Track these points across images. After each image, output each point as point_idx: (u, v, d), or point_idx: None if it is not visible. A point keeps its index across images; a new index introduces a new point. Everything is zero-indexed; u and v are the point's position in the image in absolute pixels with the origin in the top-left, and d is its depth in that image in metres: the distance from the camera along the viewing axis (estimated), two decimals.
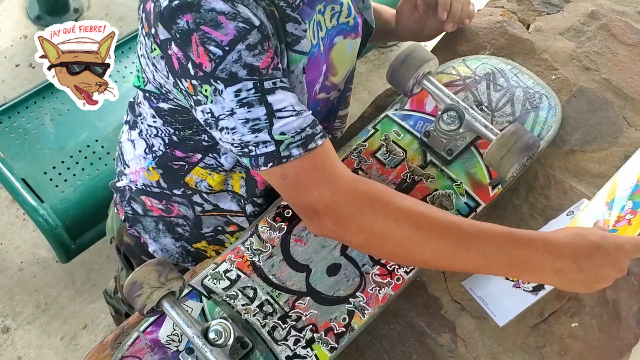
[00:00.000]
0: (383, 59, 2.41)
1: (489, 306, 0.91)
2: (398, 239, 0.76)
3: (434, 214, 0.77)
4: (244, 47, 0.71)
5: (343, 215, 0.76)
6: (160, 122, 0.92)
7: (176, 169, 0.97)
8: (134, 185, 1.03)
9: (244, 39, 0.71)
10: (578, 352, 0.90)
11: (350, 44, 0.93)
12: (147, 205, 1.04)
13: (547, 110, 1.04)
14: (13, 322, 1.83)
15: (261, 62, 0.72)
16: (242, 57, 0.71)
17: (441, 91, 0.98)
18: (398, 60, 0.98)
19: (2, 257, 1.92)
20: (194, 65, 0.72)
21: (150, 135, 0.95)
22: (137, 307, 0.79)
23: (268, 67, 0.73)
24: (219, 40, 0.70)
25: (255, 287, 0.89)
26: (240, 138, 0.75)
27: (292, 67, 0.82)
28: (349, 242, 0.82)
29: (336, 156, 0.79)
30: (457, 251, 0.76)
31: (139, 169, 1.00)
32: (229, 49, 0.70)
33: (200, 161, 0.95)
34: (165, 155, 0.96)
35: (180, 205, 1.02)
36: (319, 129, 0.77)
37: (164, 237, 1.08)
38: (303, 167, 0.76)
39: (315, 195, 0.76)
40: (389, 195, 0.77)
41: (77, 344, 1.80)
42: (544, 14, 1.23)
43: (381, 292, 0.89)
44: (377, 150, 1.01)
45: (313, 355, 0.85)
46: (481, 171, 0.98)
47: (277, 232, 0.93)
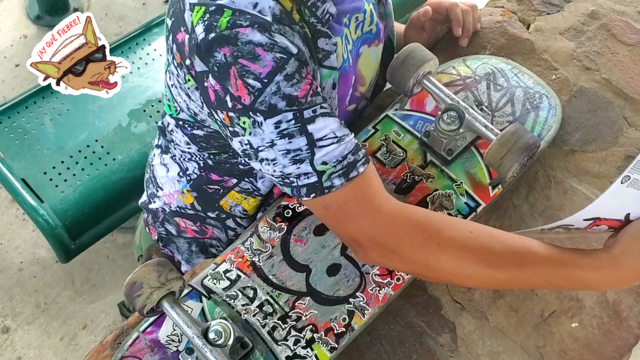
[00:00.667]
0: None
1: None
2: (445, 269, 0.75)
3: (482, 241, 0.76)
4: (282, 78, 0.70)
5: (385, 246, 0.75)
6: (195, 149, 0.91)
7: (211, 193, 0.96)
8: (167, 207, 1.03)
9: (282, 69, 0.70)
10: (578, 352, 0.90)
11: (374, 52, 0.93)
12: (181, 226, 1.04)
13: (547, 110, 1.04)
14: (13, 322, 1.83)
15: (299, 91, 0.72)
16: (280, 89, 0.70)
17: (441, 91, 0.98)
18: (398, 60, 0.97)
19: (2, 257, 1.92)
20: (232, 98, 0.71)
21: (185, 160, 0.95)
22: (137, 307, 0.78)
23: (307, 95, 0.72)
24: (257, 72, 0.69)
25: (255, 287, 0.89)
26: (282, 170, 0.75)
27: (323, 84, 0.82)
28: (399, 270, 0.84)
29: (379, 183, 0.78)
30: (509, 278, 0.75)
31: (172, 192, 1.00)
32: (267, 81, 0.70)
33: (236, 185, 0.95)
34: (200, 178, 0.95)
35: (214, 227, 1.02)
36: (361, 154, 0.76)
37: (197, 258, 1.08)
38: (344, 198, 0.75)
39: (356, 228, 0.75)
40: (432, 225, 0.76)
41: (76, 344, 1.80)
42: (544, 14, 1.23)
43: (381, 292, 0.89)
44: (377, 150, 1.01)
45: (313, 355, 0.85)
46: (481, 171, 0.98)
47: (277, 232, 0.93)
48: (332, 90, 0.84)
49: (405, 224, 0.76)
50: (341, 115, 0.89)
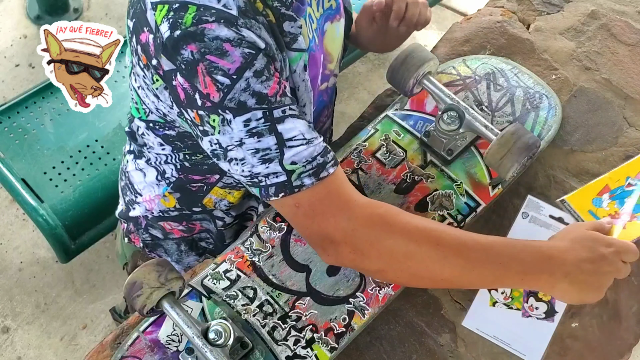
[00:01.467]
0: (383, 59, 2.41)
1: (511, 346, 0.88)
2: (419, 258, 0.75)
3: (450, 231, 0.77)
4: (251, 75, 0.70)
5: (361, 242, 0.75)
6: (169, 149, 0.91)
7: (194, 191, 0.96)
8: (149, 213, 1.02)
9: (251, 65, 0.69)
10: (578, 352, 0.90)
11: (337, 27, 0.91)
12: (166, 229, 1.03)
13: (547, 110, 1.04)
14: (13, 322, 1.83)
15: (269, 89, 0.71)
16: (250, 85, 0.70)
17: (441, 91, 0.98)
18: (398, 60, 0.97)
19: (2, 257, 1.92)
20: (201, 96, 0.71)
21: (161, 163, 0.94)
22: (137, 307, 0.78)
23: (276, 94, 0.72)
24: (226, 69, 0.69)
25: (255, 287, 0.89)
26: (250, 170, 0.74)
27: (294, 67, 0.82)
28: (368, 270, 0.81)
29: (349, 183, 0.78)
30: (475, 265, 0.76)
31: (153, 197, 0.99)
32: (236, 77, 0.69)
33: (218, 181, 0.94)
34: (180, 180, 0.95)
35: (202, 221, 1.01)
36: (330, 157, 0.76)
37: (187, 256, 1.07)
38: (317, 196, 0.75)
39: (332, 223, 0.75)
40: (405, 216, 0.76)
41: (76, 344, 1.80)
42: (544, 14, 1.23)
43: (381, 292, 0.89)
44: (377, 150, 1.00)
45: (313, 355, 0.85)
46: (481, 171, 0.98)
47: (277, 232, 0.93)
48: (304, 73, 0.83)
49: (381, 217, 0.75)
50: (315, 97, 0.88)
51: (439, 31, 2.46)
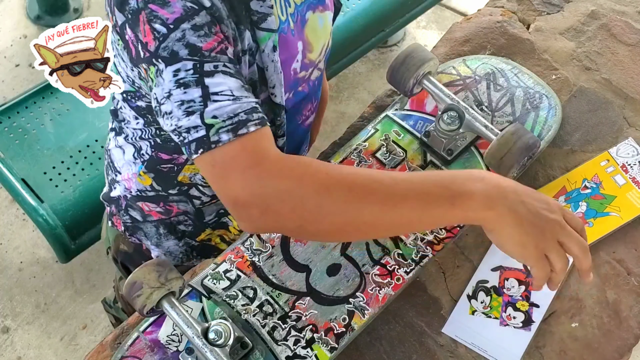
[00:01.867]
0: (383, 59, 2.41)
1: (488, 353, 0.89)
2: (334, 206, 0.69)
3: (363, 172, 0.72)
4: (189, 27, 0.68)
5: (272, 200, 0.68)
6: (142, 122, 0.89)
7: (166, 172, 0.95)
8: (128, 193, 1.02)
9: (191, 18, 0.68)
10: (578, 352, 0.90)
11: (320, 18, 0.90)
12: (145, 210, 1.03)
13: (547, 110, 1.04)
14: (13, 322, 1.83)
15: (205, 44, 0.69)
16: (185, 36, 0.68)
17: (441, 91, 0.98)
18: (398, 60, 0.97)
19: (2, 257, 1.92)
20: (142, 46, 0.69)
21: (137, 138, 0.93)
22: (137, 307, 0.78)
23: (212, 50, 0.70)
24: (164, 18, 0.68)
25: (255, 287, 0.89)
26: (176, 123, 0.70)
27: (262, 46, 0.80)
28: (287, 229, 0.75)
29: (271, 142, 0.72)
30: (395, 201, 0.70)
31: (131, 175, 0.99)
32: (173, 27, 0.68)
33: (187, 161, 0.93)
34: (152, 159, 0.94)
35: (178, 202, 1.01)
36: (256, 116, 0.71)
37: (167, 240, 1.07)
38: (231, 154, 0.69)
39: (240, 182, 0.68)
40: (317, 165, 0.71)
41: (76, 344, 1.80)
42: (544, 14, 1.23)
43: (381, 292, 0.89)
44: (377, 150, 1.01)
45: (313, 355, 0.85)
46: None
47: None
48: (273, 53, 0.81)
49: (292, 170, 0.70)
50: (288, 81, 0.86)
51: (439, 31, 2.47)
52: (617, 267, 0.95)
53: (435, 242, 0.93)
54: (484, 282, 0.94)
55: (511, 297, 0.92)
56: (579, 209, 0.97)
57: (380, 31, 1.80)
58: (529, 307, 0.92)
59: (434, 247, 0.92)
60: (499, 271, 0.94)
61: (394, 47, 2.44)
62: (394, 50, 2.43)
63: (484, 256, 0.96)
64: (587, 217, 0.97)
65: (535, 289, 0.76)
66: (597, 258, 0.96)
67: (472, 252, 0.97)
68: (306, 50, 0.87)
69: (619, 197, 0.98)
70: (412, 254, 0.92)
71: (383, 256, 0.92)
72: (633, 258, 0.96)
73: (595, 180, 1.00)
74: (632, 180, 0.99)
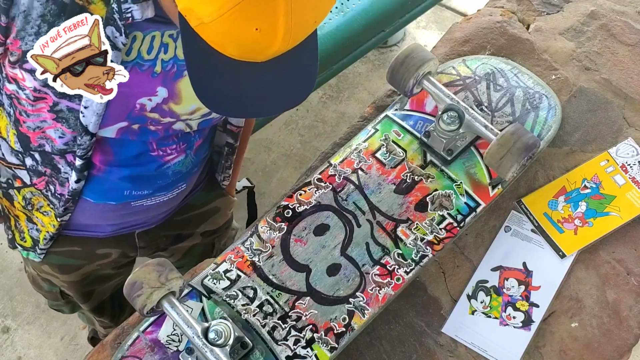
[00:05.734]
0: (383, 59, 2.41)
1: (488, 352, 0.90)
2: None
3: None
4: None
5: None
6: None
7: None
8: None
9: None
10: (578, 352, 0.90)
11: None
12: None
13: (547, 110, 1.04)
14: (13, 322, 1.83)
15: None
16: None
17: (441, 91, 0.98)
18: (398, 60, 0.98)
19: (2, 257, 1.92)
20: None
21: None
22: (137, 307, 0.79)
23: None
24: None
25: (255, 287, 0.89)
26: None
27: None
28: None
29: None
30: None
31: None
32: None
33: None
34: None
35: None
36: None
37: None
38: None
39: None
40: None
41: (77, 344, 1.80)
42: (544, 14, 1.23)
43: (381, 292, 0.89)
44: (377, 150, 1.01)
45: (313, 355, 0.85)
46: (481, 171, 0.98)
47: (277, 232, 0.93)
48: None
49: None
50: (126, 111, 0.84)
51: (439, 31, 2.47)
52: (617, 267, 0.96)
53: (435, 242, 0.93)
54: (484, 282, 0.94)
55: (511, 297, 0.92)
56: (578, 209, 0.97)
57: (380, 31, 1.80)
58: (528, 307, 0.92)
59: (434, 247, 0.92)
60: (498, 271, 0.94)
61: (394, 47, 2.44)
62: (394, 50, 2.43)
63: (484, 256, 0.96)
64: (587, 217, 0.97)
65: None
66: (597, 258, 0.97)
67: (472, 252, 0.98)
68: (170, 99, 0.86)
69: (619, 197, 0.98)
70: (412, 254, 0.92)
71: (383, 256, 0.92)
72: (633, 258, 0.96)
73: (595, 180, 1.00)
74: (631, 180, 0.99)
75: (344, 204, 0.95)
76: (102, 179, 0.93)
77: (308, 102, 2.29)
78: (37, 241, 1.05)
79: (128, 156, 0.91)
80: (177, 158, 0.96)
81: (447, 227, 0.94)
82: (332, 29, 1.60)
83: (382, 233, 0.93)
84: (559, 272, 0.94)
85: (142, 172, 0.94)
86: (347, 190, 0.96)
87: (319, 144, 2.21)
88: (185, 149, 0.96)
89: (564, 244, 0.95)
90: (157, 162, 0.94)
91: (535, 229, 0.97)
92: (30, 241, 1.06)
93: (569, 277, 0.95)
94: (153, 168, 0.94)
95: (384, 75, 1.08)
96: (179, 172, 0.98)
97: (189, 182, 1.04)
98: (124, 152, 0.90)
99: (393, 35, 2.24)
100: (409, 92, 0.99)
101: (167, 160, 0.95)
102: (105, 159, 0.90)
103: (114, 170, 0.92)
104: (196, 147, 0.99)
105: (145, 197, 0.98)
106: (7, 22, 0.74)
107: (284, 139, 2.22)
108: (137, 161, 0.92)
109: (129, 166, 0.92)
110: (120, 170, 0.92)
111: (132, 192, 0.96)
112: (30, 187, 0.98)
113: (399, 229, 0.93)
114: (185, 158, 0.97)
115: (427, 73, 0.98)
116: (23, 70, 0.79)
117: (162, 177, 0.97)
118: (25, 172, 0.96)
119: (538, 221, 0.97)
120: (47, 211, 0.99)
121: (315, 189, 0.97)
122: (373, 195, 0.96)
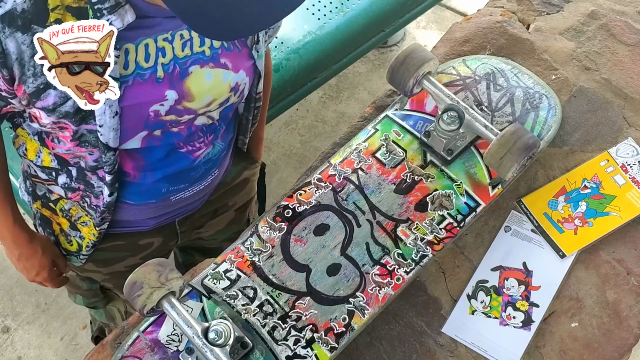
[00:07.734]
0: (383, 59, 2.41)
1: (488, 352, 0.90)
2: None
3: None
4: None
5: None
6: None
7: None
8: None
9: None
10: (578, 352, 0.90)
11: (209, 74, 0.88)
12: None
13: (547, 110, 1.04)
14: (13, 322, 1.83)
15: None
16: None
17: (441, 91, 0.98)
18: (398, 60, 0.98)
19: (2, 257, 1.92)
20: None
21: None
22: (137, 307, 0.79)
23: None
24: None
25: (255, 287, 0.89)
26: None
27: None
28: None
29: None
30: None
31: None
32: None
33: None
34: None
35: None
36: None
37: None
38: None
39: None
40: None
41: (77, 344, 1.81)
42: (544, 14, 1.23)
43: (381, 292, 0.89)
44: (377, 150, 1.01)
45: (313, 355, 0.85)
46: (481, 171, 0.98)
47: (277, 232, 0.93)
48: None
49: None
50: (142, 120, 0.86)
51: (439, 31, 2.47)
52: (617, 267, 0.96)
53: (435, 242, 0.93)
54: (484, 282, 0.94)
55: (511, 297, 0.92)
56: (578, 209, 0.97)
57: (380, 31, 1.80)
58: (528, 307, 0.92)
59: (434, 247, 0.92)
60: (498, 271, 0.95)
61: (394, 47, 2.44)
62: (394, 50, 2.43)
63: (483, 256, 0.96)
64: (587, 216, 0.97)
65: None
66: (597, 258, 0.97)
67: (472, 252, 0.98)
68: (182, 99, 0.87)
69: (619, 197, 0.98)
70: (412, 254, 0.92)
71: (383, 256, 0.92)
72: (633, 258, 0.96)
73: (595, 180, 1.00)
74: (631, 180, 0.99)
75: (344, 204, 0.95)
76: (139, 184, 0.95)
77: (308, 102, 2.29)
78: (80, 246, 1.07)
79: (158, 159, 0.92)
80: (206, 150, 0.97)
81: (447, 227, 0.94)
82: (332, 29, 1.60)
83: (382, 233, 0.93)
84: (559, 272, 0.94)
85: (175, 169, 0.96)
86: (347, 190, 0.97)
87: (319, 144, 2.21)
88: (213, 140, 0.98)
89: (564, 244, 0.95)
90: (187, 158, 0.95)
91: (535, 228, 0.97)
92: (76, 245, 1.08)
93: (569, 277, 0.95)
94: (185, 165, 0.96)
95: (384, 75, 1.08)
96: (210, 160, 1.00)
97: (220, 167, 1.07)
98: (153, 156, 0.92)
99: (393, 35, 2.24)
100: (409, 92, 0.99)
101: (197, 155, 0.96)
102: (137, 165, 0.92)
103: (148, 174, 0.94)
104: (221, 134, 1.01)
105: (183, 190, 1.01)
106: (9, 73, 0.76)
107: (284, 138, 2.23)
108: (168, 162, 0.94)
109: (162, 168, 0.94)
110: (154, 174, 0.94)
111: (169, 189, 0.98)
112: (67, 199, 1.01)
113: (399, 228, 0.93)
114: (213, 148, 0.99)
115: (427, 73, 0.98)
116: (36, 109, 0.81)
117: (195, 170, 0.99)
118: (59, 188, 0.99)
119: (538, 221, 0.97)
120: (86, 221, 1.02)
121: (315, 189, 0.97)
122: (373, 195, 0.96)
